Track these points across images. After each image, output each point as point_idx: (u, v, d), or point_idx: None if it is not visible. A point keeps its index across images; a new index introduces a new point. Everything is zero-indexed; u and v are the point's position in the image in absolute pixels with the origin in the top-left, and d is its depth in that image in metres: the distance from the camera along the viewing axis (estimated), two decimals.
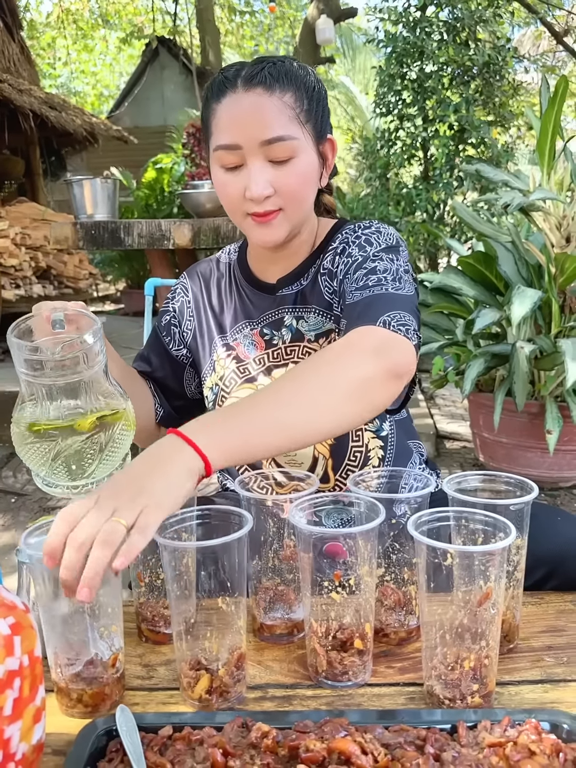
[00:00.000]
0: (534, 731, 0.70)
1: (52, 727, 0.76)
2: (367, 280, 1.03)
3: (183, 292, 1.31)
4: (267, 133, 1.03)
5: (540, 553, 0.93)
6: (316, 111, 1.09)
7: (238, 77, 1.05)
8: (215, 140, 1.07)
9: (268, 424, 0.82)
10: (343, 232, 1.18)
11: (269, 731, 0.69)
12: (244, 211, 1.08)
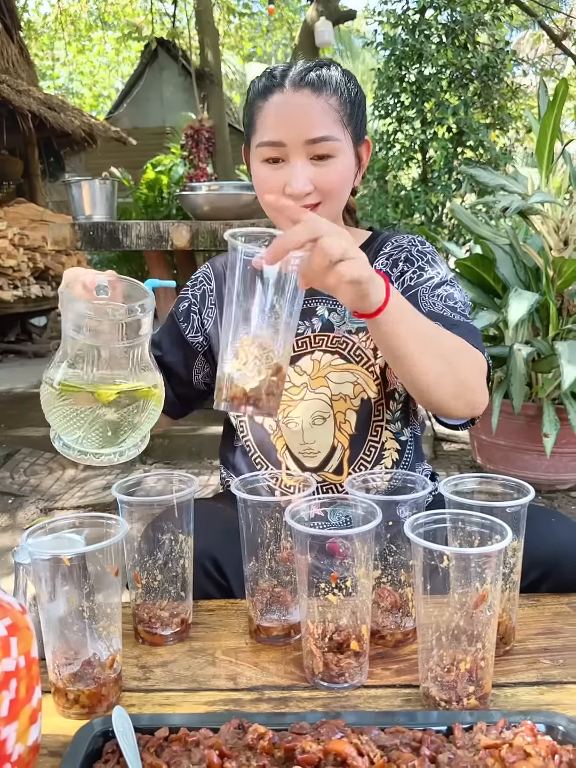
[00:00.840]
0: (530, 733, 0.70)
1: (49, 729, 0.76)
2: (454, 304, 1.14)
3: (206, 280, 1.32)
4: (312, 132, 1.07)
5: (534, 555, 0.93)
6: (357, 115, 1.14)
7: (286, 77, 1.09)
8: (259, 136, 1.11)
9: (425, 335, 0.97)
10: (393, 240, 1.24)
11: (265, 733, 0.69)
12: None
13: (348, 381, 1.20)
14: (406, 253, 1.22)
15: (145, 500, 0.93)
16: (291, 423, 1.19)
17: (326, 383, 1.20)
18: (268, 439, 1.22)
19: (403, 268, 1.21)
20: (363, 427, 1.21)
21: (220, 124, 7.53)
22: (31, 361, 6.31)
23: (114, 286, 0.93)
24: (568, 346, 2.64)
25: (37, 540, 0.81)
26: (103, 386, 0.88)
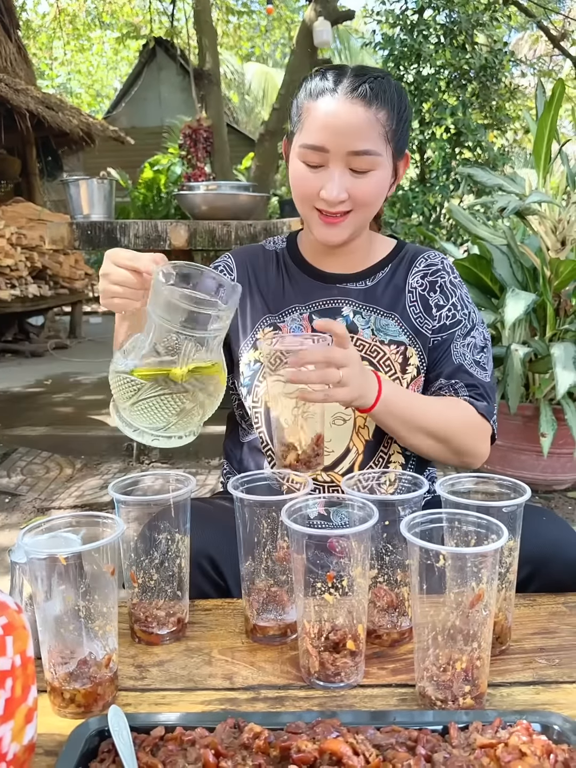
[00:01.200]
0: (525, 732, 0.70)
1: (44, 728, 0.76)
2: (481, 358, 1.25)
3: (226, 269, 1.32)
4: (356, 144, 1.09)
5: (524, 553, 0.93)
6: (402, 130, 1.16)
7: (340, 84, 1.10)
8: (304, 137, 1.12)
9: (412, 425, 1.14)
10: (425, 256, 1.29)
11: (261, 732, 0.69)
12: (314, 205, 1.15)
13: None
14: (441, 281, 1.27)
15: (141, 499, 0.93)
16: (310, 418, 1.19)
17: None
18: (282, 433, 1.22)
19: (439, 300, 1.26)
20: (378, 436, 1.22)
21: (218, 123, 7.52)
22: (29, 361, 6.30)
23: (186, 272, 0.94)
24: (564, 349, 2.64)
25: (34, 539, 0.81)
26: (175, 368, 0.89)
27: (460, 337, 1.25)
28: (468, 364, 1.24)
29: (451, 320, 1.25)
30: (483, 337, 1.28)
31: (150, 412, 0.91)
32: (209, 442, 3.38)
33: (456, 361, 1.24)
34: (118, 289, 0.99)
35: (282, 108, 7.46)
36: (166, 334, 0.88)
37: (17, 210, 6.67)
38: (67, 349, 6.79)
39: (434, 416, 1.17)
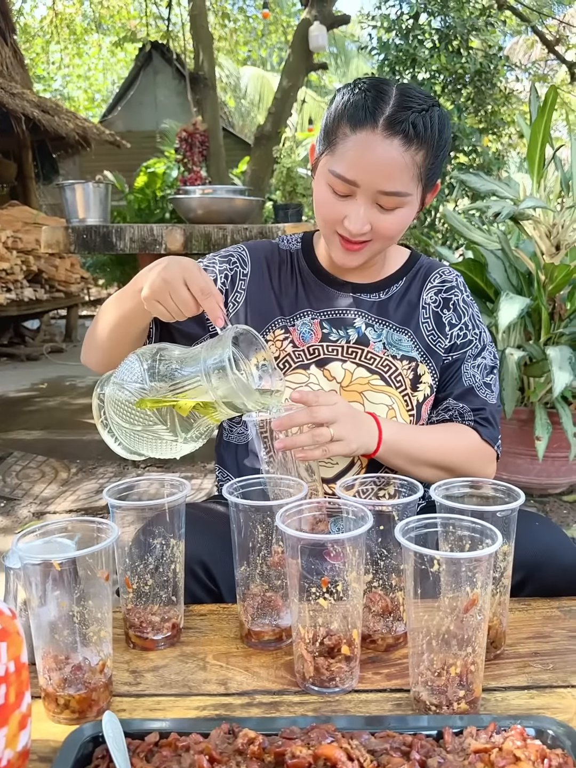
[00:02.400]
0: (519, 737, 0.70)
1: (39, 734, 0.76)
2: (489, 380, 1.26)
3: (240, 262, 1.28)
4: (388, 186, 1.07)
5: (517, 558, 0.94)
6: (438, 165, 1.13)
7: (381, 115, 1.04)
8: (335, 165, 1.09)
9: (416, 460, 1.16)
10: (439, 272, 1.29)
11: (255, 737, 0.69)
12: (336, 230, 1.14)
13: (384, 403, 1.20)
14: (455, 298, 1.27)
15: (136, 504, 0.93)
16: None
17: (361, 399, 1.20)
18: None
19: (452, 318, 1.26)
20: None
21: (214, 127, 7.53)
22: (24, 364, 6.29)
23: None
24: (560, 351, 2.65)
25: (28, 544, 0.81)
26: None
27: (471, 357, 1.25)
28: (477, 386, 1.25)
29: (462, 339, 1.25)
30: (492, 357, 1.29)
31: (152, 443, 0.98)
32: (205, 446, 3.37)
33: (466, 383, 1.24)
34: (171, 304, 1.01)
35: (278, 112, 7.48)
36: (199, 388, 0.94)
37: (13, 213, 6.66)
38: (63, 353, 6.78)
39: (438, 448, 1.18)
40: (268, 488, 1.00)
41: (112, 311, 1.18)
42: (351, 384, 1.20)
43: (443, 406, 1.26)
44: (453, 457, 1.19)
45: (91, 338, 1.25)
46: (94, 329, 1.23)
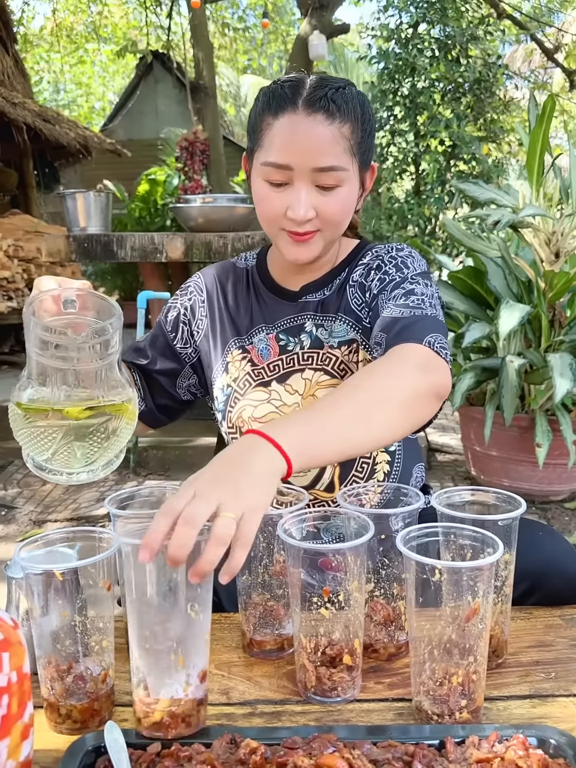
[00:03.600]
0: (521, 747, 0.70)
1: (41, 744, 0.76)
2: (407, 300, 1.07)
3: (197, 290, 1.30)
4: (321, 161, 1.05)
5: (521, 567, 0.93)
6: (367, 142, 1.12)
7: (299, 97, 1.05)
8: (265, 155, 1.08)
9: (333, 437, 0.85)
10: (373, 249, 1.22)
11: (258, 747, 0.69)
12: (282, 226, 1.11)
13: None
14: (378, 261, 1.18)
15: (138, 513, 0.93)
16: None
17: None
18: None
19: (372, 276, 1.17)
20: None
21: (214, 136, 7.56)
22: None
23: (84, 300, 0.92)
24: (560, 358, 2.65)
25: (30, 554, 0.81)
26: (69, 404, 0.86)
27: (387, 292, 1.11)
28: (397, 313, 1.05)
29: (380, 286, 1.14)
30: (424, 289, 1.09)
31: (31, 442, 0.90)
32: (205, 453, 3.38)
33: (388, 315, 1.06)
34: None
35: None
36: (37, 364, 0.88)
37: (14, 222, 6.68)
38: None
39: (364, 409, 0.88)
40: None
41: None
42: (309, 390, 1.19)
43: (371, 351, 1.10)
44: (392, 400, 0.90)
45: None
46: None
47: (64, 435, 0.88)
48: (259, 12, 11.61)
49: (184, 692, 0.76)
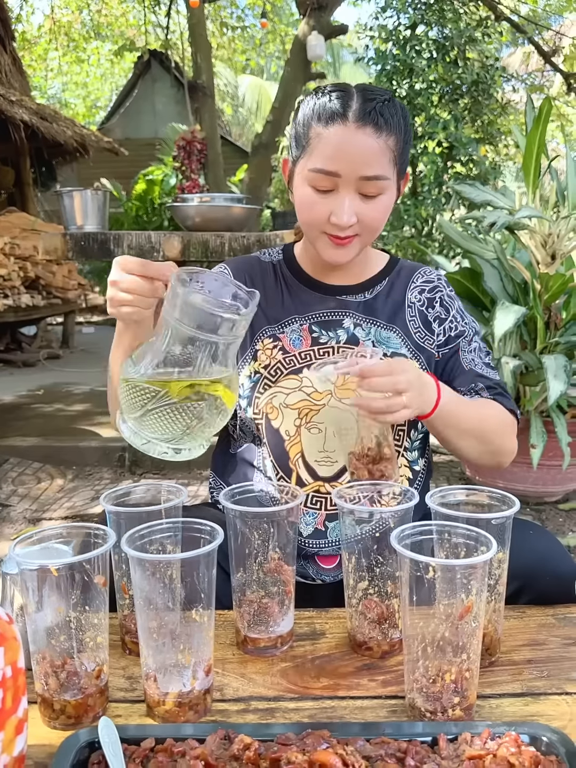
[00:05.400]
0: (513, 744, 0.70)
1: (35, 739, 0.76)
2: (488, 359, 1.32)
3: None
4: (368, 170, 1.10)
5: (512, 567, 0.94)
6: (406, 152, 1.17)
7: (349, 110, 1.10)
8: (314, 162, 1.12)
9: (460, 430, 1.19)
10: (421, 272, 1.32)
11: (251, 743, 0.69)
12: (323, 230, 1.16)
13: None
14: (439, 294, 1.30)
15: (133, 511, 0.94)
16: (313, 428, 1.20)
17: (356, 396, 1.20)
18: (282, 445, 1.21)
19: (440, 313, 1.29)
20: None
21: (212, 135, 7.56)
22: (21, 371, 6.29)
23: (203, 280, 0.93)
24: (555, 360, 2.66)
25: (25, 550, 0.82)
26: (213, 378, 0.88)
27: (466, 344, 1.29)
28: (479, 368, 1.29)
29: (455, 331, 1.29)
30: (482, 342, 1.33)
31: (161, 423, 0.89)
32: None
33: (467, 367, 1.28)
34: (128, 296, 0.98)
35: (275, 121, 7.51)
36: (182, 340, 0.86)
37: (11, 220, 6.67)
38: (60, 359, 6.77)
39: (479, 418, 1.22)
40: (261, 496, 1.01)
41: (116, 353, 1.14)
42: (345, 383, 1.21)
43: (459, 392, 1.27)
44: (490, 425, 1.23)
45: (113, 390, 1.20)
46: (112, 382, 1.19)
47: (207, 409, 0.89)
48: (257, 12, 11.62)
49: (191, 685, 0.81)
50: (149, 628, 0.81)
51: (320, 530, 1.20)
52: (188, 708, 0.81)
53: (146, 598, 0.80)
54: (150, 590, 0.80)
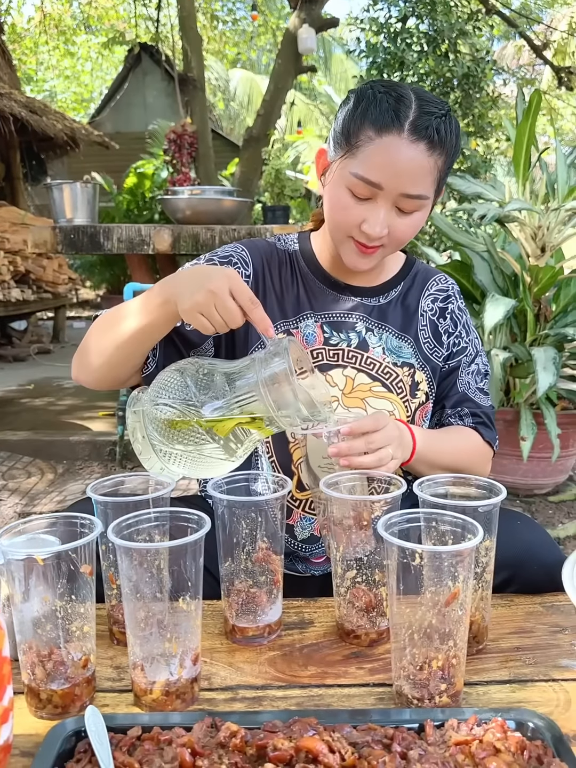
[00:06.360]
0: (500, 729, 0.71)
1: (21, 729, 0.76)
2: (483, 385, 1.31)
3: (242, 264, 1.23)
4: (412, 189, 1.07)
5: (500, 557, 0.94)
6: (449, 169, 1.14)
7: (406, 120, 1.05)
8: (359, 167, 1.07)
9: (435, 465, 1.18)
10: (437, 279, 1.31)
11: (238, 731, 0.69)
12: (351, 234, 1.13)
13: (385, 409, 1.20)
14: (450, 306, 1.29)
15: (120, 500, 0.93)
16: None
17: (364, 406, 1.19)
18: (286, 447, 1.19)
19: (448, 327, 1.28)
20: None
21: (203, 129, 7.52)
22: (11, 365, 6.26)
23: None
24: (545, 352, 2.67)
25: (11, 540, 0.81)
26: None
27: (466, 364, 1.29)
28: (472, 392, 1.28)
29: (457, 347, 1.28)
30: (483, 362, 1.32)
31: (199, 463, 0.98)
32: None
33: (461, 389, 1.28)
34: (217, 318, 0.97)
35: (266, 114, 7.49)
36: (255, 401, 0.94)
37: (0, 214, 6.63)
38: (50, 354, 6.75)
39: (452, 452, 1.22)
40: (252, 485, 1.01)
41: (120, 327, 1.10)
42: (353, 391, 1.20)
43: (442, 414, 1.29)
44: (462, 458, 1.23)
45: (90, 355, 1.16)
46: (92, 346, 1.16)
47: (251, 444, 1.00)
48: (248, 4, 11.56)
49: (178, 674, 0.81)
50: (136, 617, 0.81)
51: (315, 536, 1.20)
52: (175, 697, 0.81)
53: (133, 588, 0.80)
54: (137, 579, 0.80)
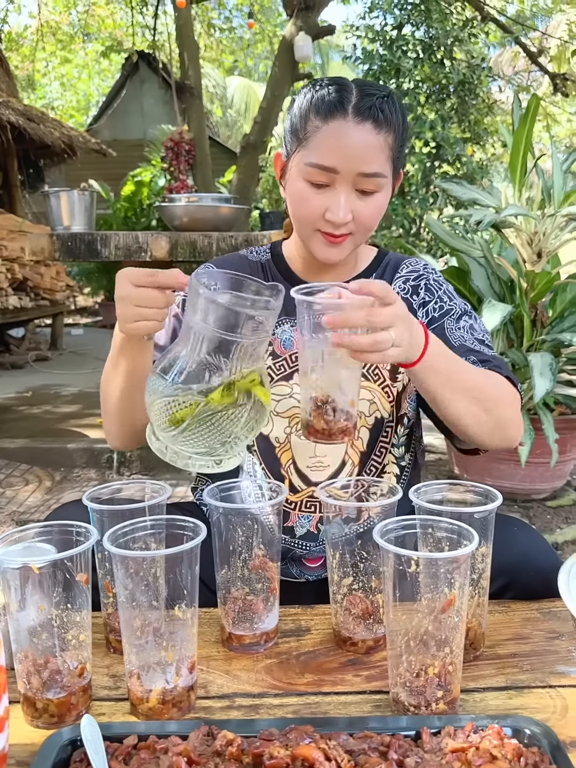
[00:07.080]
0: (496, 737, 0.71)
1: (17, 738, 0.76)
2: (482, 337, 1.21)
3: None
4: (366, 167, 1.08)
5: (497, 563, 0.94)
6: (402, 150, 1.15)
7: (349, 104, 1.07)
8: (312, 156, 1.09)
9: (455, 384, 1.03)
10: (407, 263, 1.28)
11: (234, 739, 0.69)
12: (317, 227, 1.13)
13: (365, 398, 1.19)
14: (424, 281, 1.26)
15: (115, 508, 0.93)
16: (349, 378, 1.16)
17: None
18: (272, 452, 1.20)
19: (424, 297, 1.24)
20: (371, 447, 1.21)
21: (200, 136, 7.54)
22: (9, 373, 6.25)
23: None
24: (541, 358, 2.67)
25: (7, 548, 0.81)
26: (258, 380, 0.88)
27: (452, 322, 1.22)
28: (470, 342, 1.19)
29: (439, 312, 1.24)
30: (479, 325, 1.24)
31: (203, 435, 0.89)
32: None
33: (456, 343, 1.19)
34: (144, 311, 0.95)
35: (263, 121, 7.51)
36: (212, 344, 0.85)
37: None
38: (48, 361, 6.74)
39: (475, 375, 1.08)
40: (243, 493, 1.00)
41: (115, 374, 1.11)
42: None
43: None
44: (488, 389, 1.09)
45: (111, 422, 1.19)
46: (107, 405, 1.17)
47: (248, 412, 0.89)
48: (245, 12, 11.61)
49: (174, 682, 0.81)
50: (132, 625, 0.80)
51: (312, 533, 1.20)
52: (172, 705, 0.81)
53: (129, 596, 0.80)
54: (133, 588, 0.80)
